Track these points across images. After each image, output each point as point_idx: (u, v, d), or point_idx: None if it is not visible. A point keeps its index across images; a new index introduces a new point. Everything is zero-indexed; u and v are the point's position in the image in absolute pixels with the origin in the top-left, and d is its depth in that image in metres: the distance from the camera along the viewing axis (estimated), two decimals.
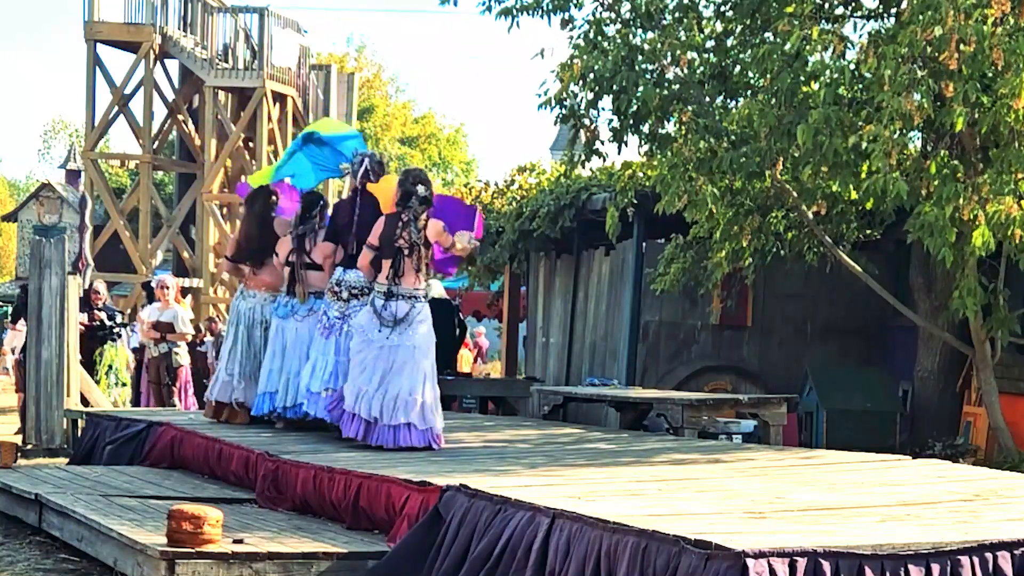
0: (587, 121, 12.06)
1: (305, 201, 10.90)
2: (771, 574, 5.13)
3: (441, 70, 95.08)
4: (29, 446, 13.04)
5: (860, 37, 11.97)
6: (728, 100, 12.42)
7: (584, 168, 13.04)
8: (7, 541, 8.61)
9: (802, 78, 11.20)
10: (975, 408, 13.67)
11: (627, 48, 11.76)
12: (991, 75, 10.64)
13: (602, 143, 12.21)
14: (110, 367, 15.78)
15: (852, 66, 11.03)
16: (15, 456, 10.51)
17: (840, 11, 12.66)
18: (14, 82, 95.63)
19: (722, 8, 12.51)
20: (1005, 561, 5.49)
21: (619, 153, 12.37)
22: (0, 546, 8.45)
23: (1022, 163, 10.74)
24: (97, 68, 27.59)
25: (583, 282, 17.68)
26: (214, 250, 27.18)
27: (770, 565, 5.14)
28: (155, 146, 28.29)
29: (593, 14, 12.14)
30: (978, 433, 13.55)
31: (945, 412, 13.88)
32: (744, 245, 13.28)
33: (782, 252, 13.77)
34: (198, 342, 17.95)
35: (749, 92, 12.15)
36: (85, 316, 15.43)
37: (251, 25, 27.68)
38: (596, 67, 11.64)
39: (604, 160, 12.97)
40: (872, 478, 8.08)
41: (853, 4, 12.77)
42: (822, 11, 12.37)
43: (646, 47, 11.83)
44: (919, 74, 10.43)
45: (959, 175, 10.86)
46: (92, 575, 7.67)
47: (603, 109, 11.95)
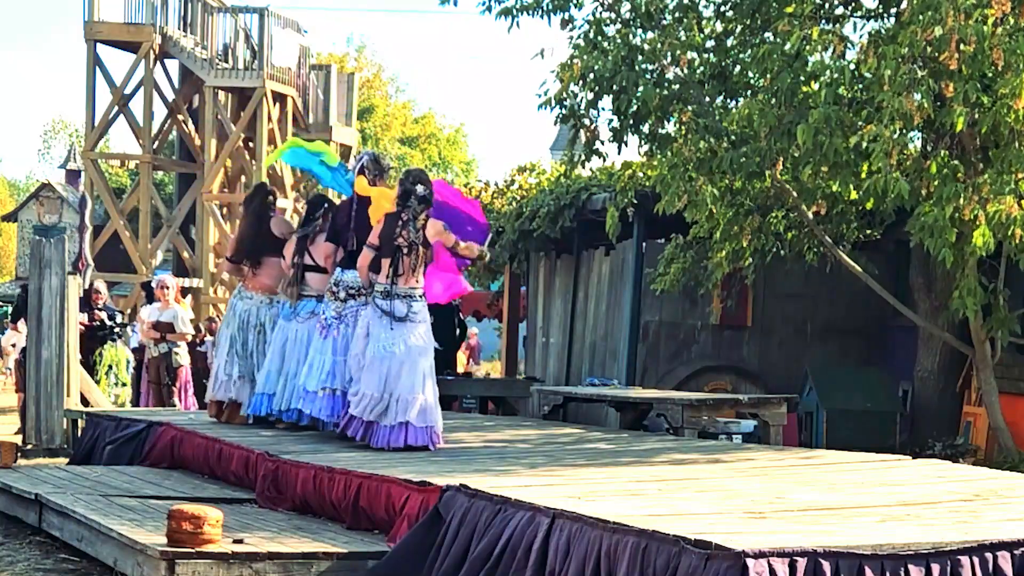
0: (587, 121, 12.06)
1: (310, 203, 10.93)
2: (771, 574, 5.14)
3: (441, 70, 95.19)
4: (29, 446, 13.04)
5: (860, 37, 11.98)
6: (728, 100, 12.42)
7: (584, 168, 13.04)
8: (7, 541, 8.61)
9: (802, 78, 11.20)
10: (975, 408, 13.67)
11: (627, 48, 11.76)
12: (991, 75, 10.64)
13: (602, 143, 12.21)
14: (110, 367, 15.78)
15: (852, 66, 11.02)
16: (15, 456, 10.51)
17: (840, 11, 12.66)
18: (14, 82, 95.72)
19: (722, 8, 12.51)
20: (1005, 561, 5.49)
21: (619, 153, 12.39)
22: (0, 546, 8.45)
23: (1022, 163, 10.74)
24: (97, 68, 27.57)
25: (583, 282, 17.67)
26: (214, 250, 27.17)
27: (770, 565, 5.14)
28: (155, 146, 28.27)
29: (593, 14, 12.14)
30: (978, 433, 13.55)
31: (945, 412, 13.88)
32: (744, 245, 13.28)
33: (782, 252, 13.77)
34: (198, 342, 17.94)
35: (749, 92, 12.14)
36: (85, 316, 15.44)
37: (251, 25, 27.66)
38: (596, 67, 11.64)
39: (604, 160, 12.98)
40: (872, 478, 8.07)
41: (853, 4, 12.76)
42: (822, 11, 12.37)
43: (646, 47, 11.83)
44: (919, 74, 10.43)
45: (959, 175, 10.86)
46: (92, 575, 7.67)
47: (603, 109, 11.97)
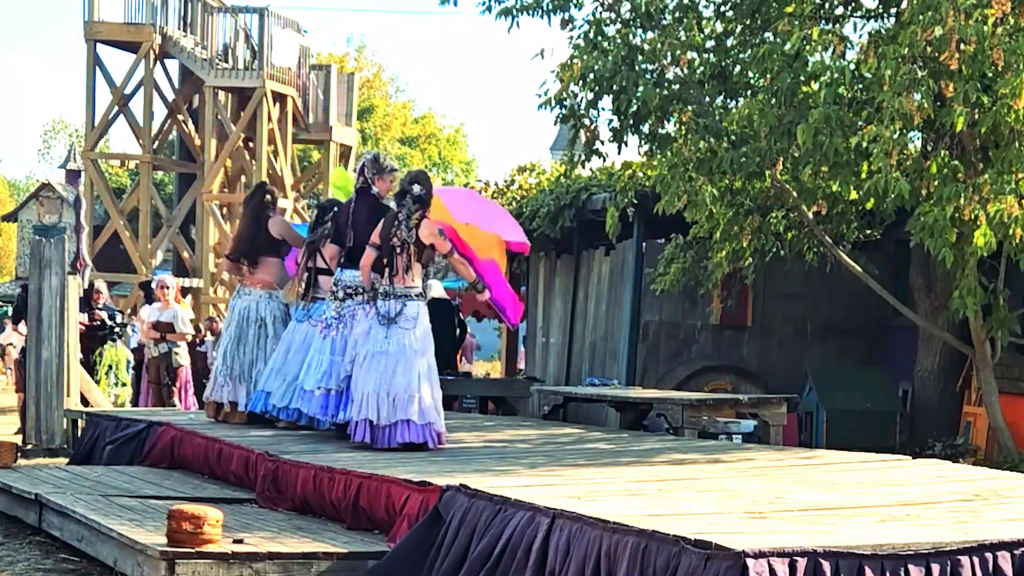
0: (587, 121, 12.06)
1: (320, 207, 11.05)
2: (771, 574, 5.13)
3: (441, 70, 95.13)
4: (29, 446, 13.04)
5: (860, 37, 11.99)
6: (728, 100, 12.42)
7: (584, 168, 13.04)
8: (7, 541, 8.60)
9: (802, 78, 11.20)
10: (975, 408, 13.67)
11: (627, 48, 11.76)
12: (991, 75, 10.64)
13: (602, 143, 12.21)
14: (110, 367, 15.79)
15: (852, 66, 11.02)
16: (15, 456, 10.51)
17: (840, 11, 12.66)
18: (14, 82, 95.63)
19: (722, 8, 12.51)
20: (1005, 561, 5.49)
21: (619, 153, 12.39)
22: (0, 546, 8.45)
23: (1022, 163, 10.74)
24: (97, 68, 27.55)
25: (583, 282, 17.67)
26: (214, 250, 27.16)
27: (770, 565, 5.14)
28: (155, 146, 28.25)
29: (593, 14, 12.14)
30: (978, 433, 13.55)
31: (945, 412, 13.88)
32: (744, 245, 13.27)
33: (782, 252, 13.76)
34: (198, 342, 17.95)
35: (749, 92, 12.14)
36: (85, 316, 15.44)
37: (251, 25, 27.64)
38: (596, 67, 11.64)
39: (604, 160, 12.97)
40: (872, 478, 8.07)
41: (853, 4, 12.76)
42: (822, 11, 12.37)
43: (646, 47, 11.83)
44: (919, 74, 10.43)
45: (959, 175, 10.86)
46: (92, 575, 7.67)
47: (603, 109, 11.97)
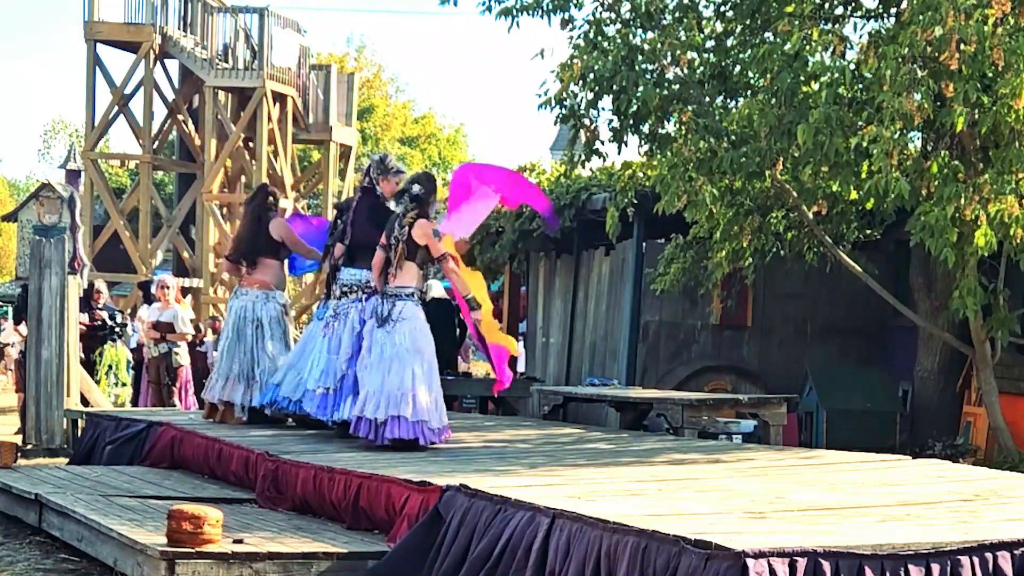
0: (587, 121, 12.06)
1: (337, 209, 11.19)
2: (771, 574, 5.13)
3: (441, 70, 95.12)
4: (29, 446, 13.04)
5: (860, 37, 11.98)
6: (728, 100, 12.42)
7: (584, 168, 13.03)
8: (7, 541, 8.60)
9: (802, 78, 11.20)
10: (975, 408, 13.67)
11: (627, 48, 11.76)
12: (991, 75, 10.64)
13: (602, 143, 12.21)
14: (110, 367, 15.79)
15: (852, 66, 11.02)
16: (15, 456, 10.51)
17: (840, 11, 12.65)
18: (14, 82, 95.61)
19: (722, 8, 12.51)
20: (1005, 561, 5.49)
21: (619, 153, 12.39)
22: (0, 546, 8.45)
23: (1023, 163, 10.74)
24: (97, 68, 27.55)
25: (583, 282, 17.66)
26: (214, 250, 27.16)
27: (770, 565, 5.14)
28: (155, 146, 28.25)
29: (593, 14, 12.14)
30: (978, 433, 13.55)
31: (945, 412, 13.87)
32: (744, 245, 13.27)
33: (782, 252, 13.76)
34: (198, 342, 17.95)
35: (749, 92, 12.13)
36: (85, 316, 15.44)
37: (251, 25, 27.64)
38: (596, 67, 11.64)
39: (604, 160, 12.97)
40: (872, 478, 8.07)
41: (853, 4, 12.75)
42: (822, 11, 12.36)
43: (646, 47, 11.82)
44: (919, 74, 10.43)
45: (960, 175, 10.86)
46: (92, 575, 7.66)
47: (603, 109, 11.97)
